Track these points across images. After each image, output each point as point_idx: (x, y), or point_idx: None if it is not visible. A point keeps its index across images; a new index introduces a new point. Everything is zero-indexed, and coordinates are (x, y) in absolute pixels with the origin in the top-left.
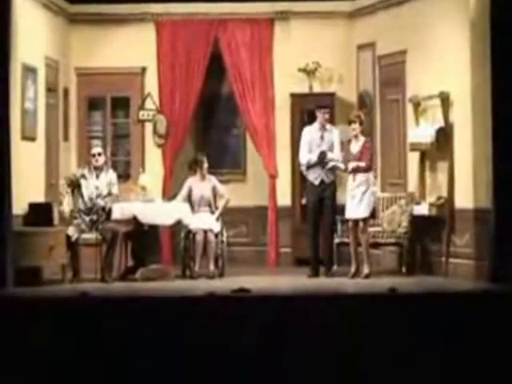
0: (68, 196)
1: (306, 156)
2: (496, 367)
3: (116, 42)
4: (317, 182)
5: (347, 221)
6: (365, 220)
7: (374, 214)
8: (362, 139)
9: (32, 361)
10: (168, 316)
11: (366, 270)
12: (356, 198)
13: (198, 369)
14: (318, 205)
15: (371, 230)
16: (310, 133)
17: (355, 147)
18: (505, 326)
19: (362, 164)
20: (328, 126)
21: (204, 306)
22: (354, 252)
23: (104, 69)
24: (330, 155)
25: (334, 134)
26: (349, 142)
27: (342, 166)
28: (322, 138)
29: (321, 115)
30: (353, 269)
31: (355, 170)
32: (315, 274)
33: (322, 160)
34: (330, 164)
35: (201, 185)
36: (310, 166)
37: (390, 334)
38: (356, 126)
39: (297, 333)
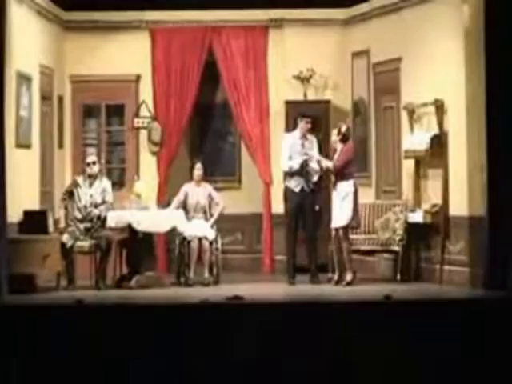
0: (69, 203)
1: (288, 163)
2: (491, 373)
3: (111, 50)
4: (297, 190)
5: None
6: (345, 228)
7: (352, 223)
8: (340, 146)
9: (27, 368)
10: (163, 323)
11: (348, 277)
12: (336, 207)
13: (193, 376)
14: (298, 212)
15: (365, 237)
16: (290, 140)
17: (335, 152)
18: (499, 333)
19: (329, 164)
20: (309, 136)
21: (199, 314)
22: (337, 259)
23: (99, 76)
24: (312, 164)
25: (314, 143)
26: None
27: (329, 163)
28: (303, 146)
29: (303, 124)
30: (336, 276)
31: (335, 175)
32: (294, 280)
33: (304, 168)
34: (314, 161)
35: (197, 191)
36: (291, 174)
37: (386, 341)
38: (334, 133)
39: (292, 340)
